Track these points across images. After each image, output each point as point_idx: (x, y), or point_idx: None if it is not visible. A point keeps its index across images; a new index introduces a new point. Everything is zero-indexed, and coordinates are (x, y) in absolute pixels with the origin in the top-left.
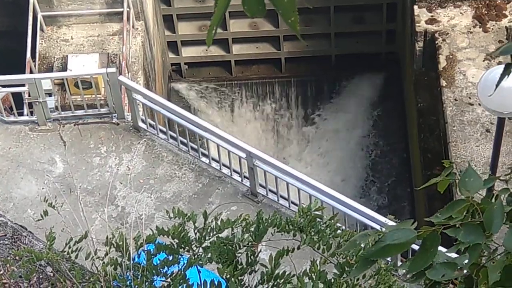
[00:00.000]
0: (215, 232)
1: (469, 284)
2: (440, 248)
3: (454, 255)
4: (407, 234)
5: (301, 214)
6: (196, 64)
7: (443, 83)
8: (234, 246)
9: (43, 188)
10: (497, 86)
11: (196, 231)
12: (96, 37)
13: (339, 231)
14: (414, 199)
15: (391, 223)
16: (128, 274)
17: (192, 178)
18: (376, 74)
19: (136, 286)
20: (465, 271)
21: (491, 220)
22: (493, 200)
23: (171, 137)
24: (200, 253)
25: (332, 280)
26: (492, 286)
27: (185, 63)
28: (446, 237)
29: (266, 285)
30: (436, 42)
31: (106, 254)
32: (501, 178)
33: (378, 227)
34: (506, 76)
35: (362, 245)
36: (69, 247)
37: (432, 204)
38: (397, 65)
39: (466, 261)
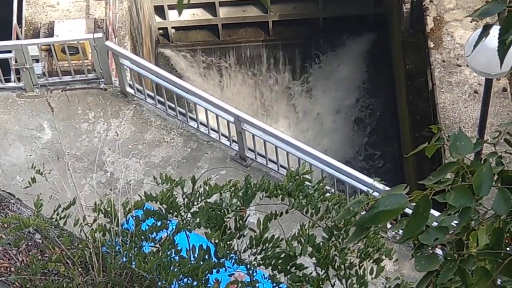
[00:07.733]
0: (203, 197)
1: (460, 248)
2: (433, 212)
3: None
4: (400, 199)
5: (290, 178)
6: (183, 28)
7: (431, 44)
8: (222, 211)
9: (31, 155)
10: (474, 47)
11: (184, 196)
12: (82, 2)
13: (327, 195)
14: (403, 160)
15: (378, 185)
16: (117, 240)
17: (180, 142)
18: (363, 37)
19: (125, 252)
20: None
21: (480, 183)
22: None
23: (159, 102)
24: (189, 218)
25: (321, 244)
26: (482, 249)
27: (172, 27)
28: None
29: (255, 250)
30: (423, 3)
31: (95, 220)
32: (489, 141)
33: (366, 189)
34: (484, 38)
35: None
36: (58, 214)
37: (421, 164)
38: (384, 27)
39: (456, 222)
